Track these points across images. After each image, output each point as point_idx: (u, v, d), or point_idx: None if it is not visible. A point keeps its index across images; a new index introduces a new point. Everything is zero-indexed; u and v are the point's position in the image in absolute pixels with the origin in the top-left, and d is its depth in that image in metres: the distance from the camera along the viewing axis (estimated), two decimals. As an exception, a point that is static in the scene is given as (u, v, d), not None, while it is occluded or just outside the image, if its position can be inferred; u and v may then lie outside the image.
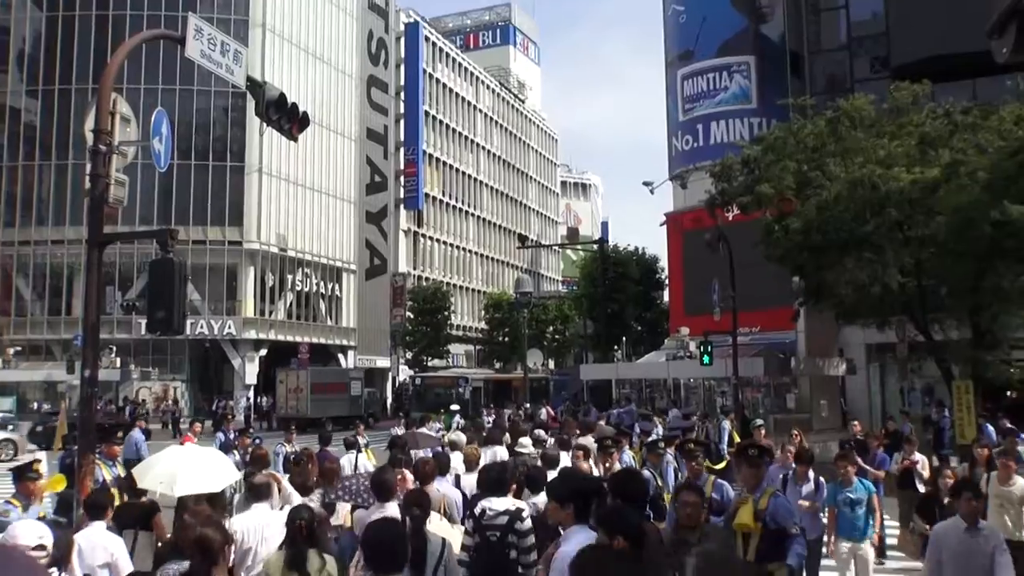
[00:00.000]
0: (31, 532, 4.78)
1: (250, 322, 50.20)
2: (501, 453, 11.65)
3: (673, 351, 36.03)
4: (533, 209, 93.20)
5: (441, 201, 74.59)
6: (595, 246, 50.09)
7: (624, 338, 53.95)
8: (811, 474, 9.26)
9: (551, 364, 72.94)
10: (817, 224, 21.04)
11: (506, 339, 63.43)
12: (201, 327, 48.72)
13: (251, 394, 48.57)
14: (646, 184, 42.22)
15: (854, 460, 9.52)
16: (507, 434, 13.81)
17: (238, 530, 6.45)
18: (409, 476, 8.04)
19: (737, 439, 18.97)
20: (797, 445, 10.92)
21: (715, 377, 31.19)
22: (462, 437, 11.80)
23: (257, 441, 13.21)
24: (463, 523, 6.74)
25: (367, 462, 12.03)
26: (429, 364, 57.01)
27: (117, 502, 5.78)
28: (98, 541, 6.22)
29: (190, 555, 4.60)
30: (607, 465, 10.08)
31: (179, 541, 5.47)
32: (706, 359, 26.33)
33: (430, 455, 9.72)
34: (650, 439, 14.93)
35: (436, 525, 6.25)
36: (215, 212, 50.20)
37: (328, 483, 8.20)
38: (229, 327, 49.28)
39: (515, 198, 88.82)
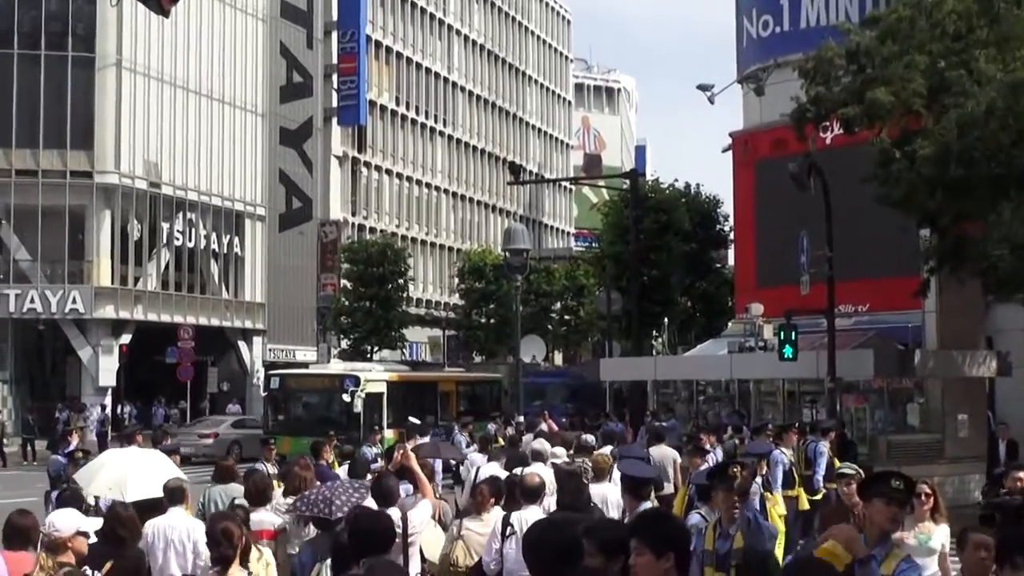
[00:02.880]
0: (69, 521, 7.60)
1: (106, 294, 50.08)
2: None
3: (739, 339, 36.03)
4: (533, 126, 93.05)
5: (394, 113, 74.33)
6: (625, 182, 49.98)
7: (667, 320, 54.00)
8: None
9: (558, 358, 73.14)
10: (959, 151, 20.94)
11: (491, 320, 63.47)
12: (31, 301, 48.54)
13: (108, 400, 48.58)
14: (703, 89, 42.00)
15: None
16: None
17: (148, 532, 9.60)
18: (411, 452, 11.37)
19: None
20: (930, 512, 9.90)
21: (801, 379, 31.18)
22: (546, 445, 15.47)
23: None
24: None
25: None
26: (375, 356, 57.07)
27: None
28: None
29: (211, 545, 7.37)
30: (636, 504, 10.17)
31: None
32: (788, 351, 26.27)
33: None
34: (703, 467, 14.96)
35: (432, 532, 8.80)
36: (50, 128, 49.90)
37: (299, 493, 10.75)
38: (74, 302, 49.14)
39: (506, 109, 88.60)
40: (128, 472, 11.56)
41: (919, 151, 21.82)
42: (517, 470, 13.40)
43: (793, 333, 26.45)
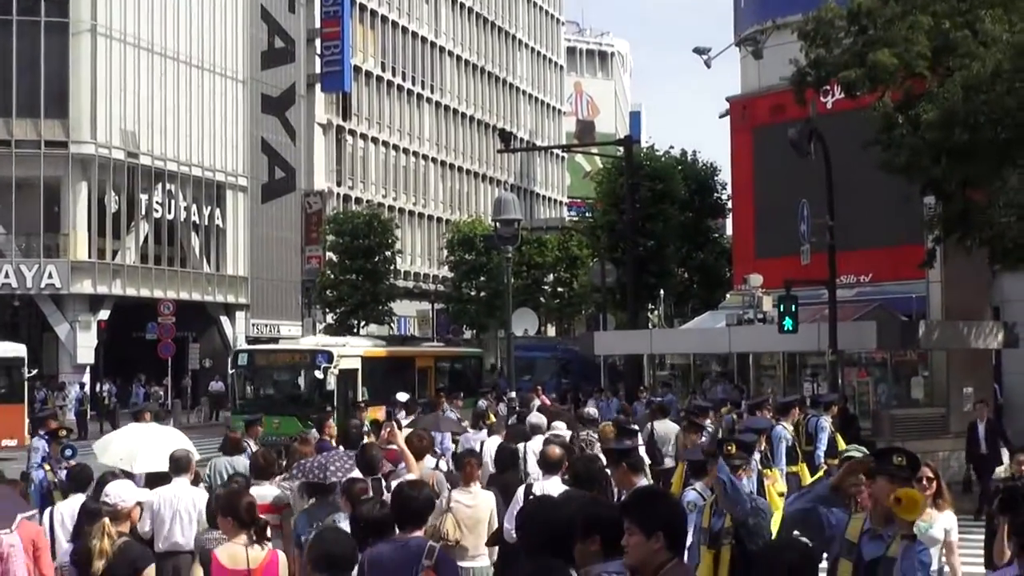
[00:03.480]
0: (130, 493, 8.65)
1: (83, 268, 49.96)
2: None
3: (738, 311, 36.06)
4: (523, 91, 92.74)
5: (379, 79, 74.04)
6: (619, 149, 49.86)
7: (663, 292, 53.98)
8: None
9: (551, 331, 73.10)
10: (964, 114, 20.92)
11: (481, 293, 63.41)
12: (6, 276, 48.44)
13: (86, 379, 48.55)
14: (699, 52, 41.87)
15: None
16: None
17: (155, 501, 10.49)
18: (397, 431, 12.48)
19: (842, 445, 19.01)
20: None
21: (802, 352, 31.22)
22: (542, 419, 16.65)
23: (69, 453, 14.07)
24: None
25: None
26: (362, 331, 57.05)
27: None
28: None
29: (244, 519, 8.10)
30: (632, 479, 10.29)
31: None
32: (788, 323, 26.25)
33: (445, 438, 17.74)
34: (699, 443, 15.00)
35: None
36: (23, 97, 49.69)
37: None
38: (50, 276, 49.05)
39: (495, 74, 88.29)
40: (139, 445, 12.86)
41: (923, 115, 21.82)
42: (520, 445, 14.56)
43: (793, 305, 26.40)
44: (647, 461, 13.71)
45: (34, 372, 40.78)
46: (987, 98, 20.65)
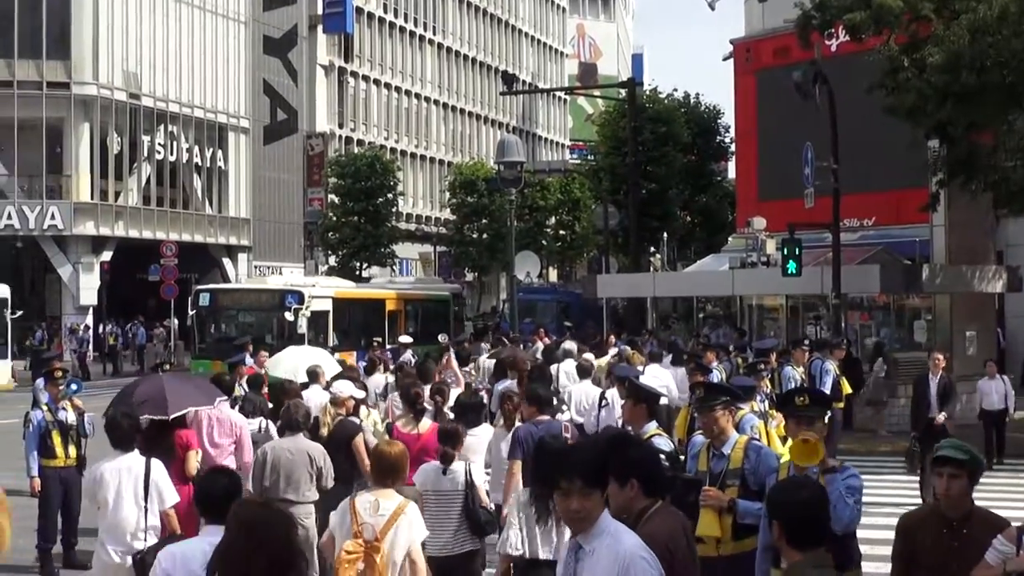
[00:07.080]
0: (347, 388, 12.83)
1: (85, 210, 49.93)
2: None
3: (740, 254, 36.10)
4: (525, 33, 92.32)
5: (382, 20, 73.67)
6: (622, 91, 49.68)
7: (665, 235, 54.05)
8: None
9: (553, 274, 73.27)
10: (969, 57, 20.81)
11: (484, 236, 63.46)
12: (8, 217, 48.35)
13: (90, 320, 48.68)
14: (703, -6, 41.67)
15: None
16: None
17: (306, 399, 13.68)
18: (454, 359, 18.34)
19: (846, 388, 19.11)
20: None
21: (805, 295, 31.28)
22: (574, 345, 21.19)
23: (73, 388, 14.27)
24: None
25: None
26: (364, 274, 57.11)
27: None
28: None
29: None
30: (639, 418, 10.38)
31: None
32: (791, 267, 26.30)
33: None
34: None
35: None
36: (25, 38, 49.44)
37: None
38: (53, 218, 49.02)
39: (497, 16, 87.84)
40: (300, 362, 17.68)
41: (929, 58, 21.68)
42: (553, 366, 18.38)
43: (797, 248, 26.44)
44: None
45: (19, 313, 40.68)
46: (993, 41, 20.54)
